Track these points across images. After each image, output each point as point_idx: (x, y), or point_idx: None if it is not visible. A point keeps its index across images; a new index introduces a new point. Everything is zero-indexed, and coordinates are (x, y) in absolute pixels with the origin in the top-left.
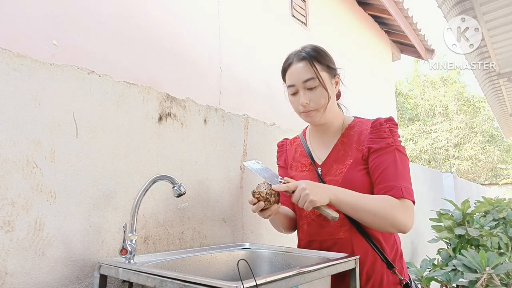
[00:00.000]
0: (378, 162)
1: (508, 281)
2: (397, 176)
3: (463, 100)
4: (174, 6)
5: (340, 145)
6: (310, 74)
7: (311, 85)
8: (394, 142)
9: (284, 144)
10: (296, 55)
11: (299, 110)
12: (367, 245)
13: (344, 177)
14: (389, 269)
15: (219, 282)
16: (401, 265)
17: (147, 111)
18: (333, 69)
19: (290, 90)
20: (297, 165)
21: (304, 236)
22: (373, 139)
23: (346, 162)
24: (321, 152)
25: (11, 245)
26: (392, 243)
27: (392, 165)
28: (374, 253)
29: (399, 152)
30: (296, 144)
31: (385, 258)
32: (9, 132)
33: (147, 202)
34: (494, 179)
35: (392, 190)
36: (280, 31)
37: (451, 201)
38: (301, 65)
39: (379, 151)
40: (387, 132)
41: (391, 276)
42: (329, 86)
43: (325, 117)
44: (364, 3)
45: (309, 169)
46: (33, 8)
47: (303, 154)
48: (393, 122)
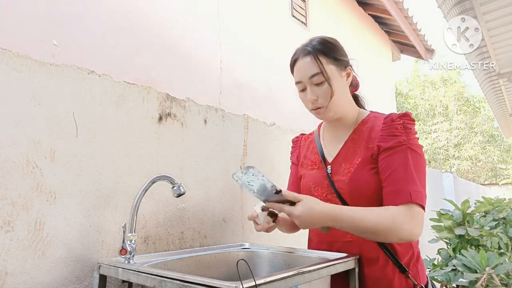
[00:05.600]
0: (387, 162)
1: (508, 281)
2: (407, 179)
3: (463, 100)
4: (174, 6)
5: (350, 142)
6: (315, 69)
7: (318, 80)
8: (407, 140)
9: (298, 140)
10: (302, 49)
11: (309, 107)
12: (377, 248)
13: (351, 177)
14: (402, 273)
15: (219, 282)
16: (416, 269)
17: (147, 111)
18: (342, 61)
19: (298, 86)
20: (307, 162)
21: (315, 236)
22: (384, 137)
23: (354, 161)
24: (332, 149)
25: (11, 245)
26: (406, 246)
27: (402, 166)
28: (385, 257)
29: (412, 151)
30: (310, 140)
31: (397, 262)
32: (9, 132)
33: (147, 202)
34: (494, 179)
35: (399, 196)
36: (280, 31)
37: (451, 201)
38: (306, 60)
39: (389, 150)
40: (399, 129)
41: (404, 280)
42: (338, 79)
43: (337, 112)
44: (364, 3)
45: (318, 167)
46: (33, 8)
47: (314, 151)
48: (409, 118)
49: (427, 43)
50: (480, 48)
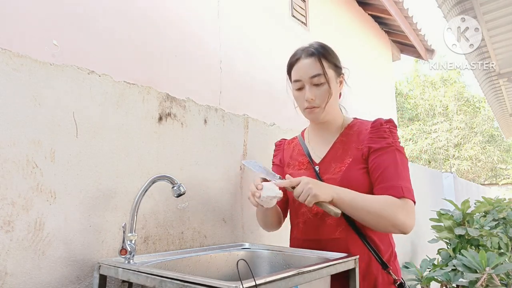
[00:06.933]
0: (378, 161)
1: (508, 281)
2: (398, 176)
3: (463, 100)
4: (174, 6)
5: (339, 144)
6: (318, 70)
7: (318, 81)
8: (394, 142)
9: (281, 144)
10: (304, 50)
11: (304, 106)
12: (362, 245)
13: (342, 175)
14: (384, 269)
15: (219, 282)
16: (395, 266)
17: (147, 111)
18: (339, 68)
19: (296, 85)
20: (294, 163)
21: (300, 234)
22: (373, 139)
23: (345, 161)
24: (319, 151)
25: (11, 245)
26: (387, 244)
27: (393, 165)
28: (369, 253)
29: (399, 152)
30: (294, 143)
31: (380, 259)
32: (9, 132)
33: (147, 202)
34: (494, 179)
35: (392, 190)
36: (280, 31)
37: (451, 201)
38: (309, 61)
39: (379, 150)
40: (387, 132)
41: (386, 276)
42: (334, 85)
43: (327, 115)
44: (364, 3)
45: (306, 167)
46: (33, 8)
47: (300, 152)
48: (393, 124)
49: (427, 43)
50: (480, 48)
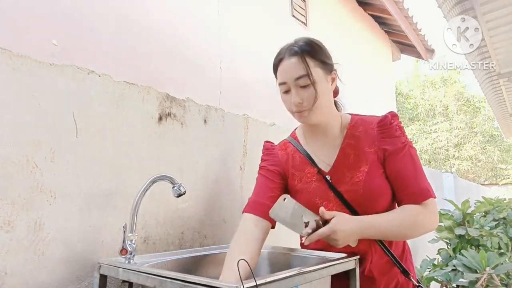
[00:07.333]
0: (397, 167)
1: (508, 281)
2: (416, 179)
3: (463, 100)
4: (174, 6)
5: (348, 148)
6: (302, 71)
7: (304, 83)
8: (406, 140)
9: (274, 149)
10: (288, 49)
11: (292, 110)
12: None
13: (364, 186)
14: (406, 276)
15: (219, 282)
16: (407, 263)
17: (147, 111)
18: (328, 65)
19: (282, 88)
20: (301, 175)
21: (318, 245)
22: (386, 140)
23: (362, 169)
24: (325, 157)
25: (11, 245)
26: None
27: (411, 167)
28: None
29: (412, 149)
30: (290, 150)
31: (401, 266)
32: (9, 132)
33: (147, 202)
34: (494, 179)
35: (413, 198)
36: (280, 31)
37: (451, 201)
38: (292, 61)
39: (395, 153)
40: (398, 130)
41: (405, 282)
42: (324, 84)
43: (321, 116)
44: (364, 3)
45: (316, 179)
46: (33, 8)
47: (304, 161)
48: (398, 118)
49: (427, 43)
50: (480, 48)
